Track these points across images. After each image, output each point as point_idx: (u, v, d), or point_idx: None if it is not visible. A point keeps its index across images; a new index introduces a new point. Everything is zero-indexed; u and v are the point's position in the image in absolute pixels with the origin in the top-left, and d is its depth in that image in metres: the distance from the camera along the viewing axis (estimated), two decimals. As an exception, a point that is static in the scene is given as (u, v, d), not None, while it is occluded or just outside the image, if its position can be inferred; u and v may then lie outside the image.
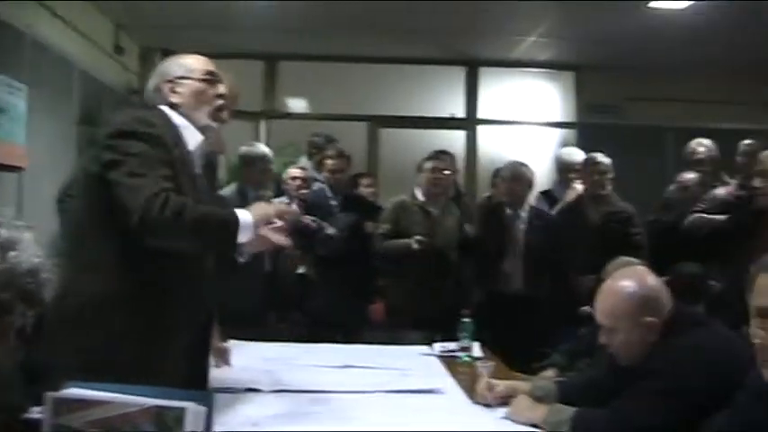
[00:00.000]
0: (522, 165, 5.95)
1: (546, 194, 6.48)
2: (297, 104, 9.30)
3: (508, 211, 5.80)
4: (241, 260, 2.70)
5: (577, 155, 6.38)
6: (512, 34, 7.98)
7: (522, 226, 5.76)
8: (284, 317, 5.62)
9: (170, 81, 2.69)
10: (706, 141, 6.07)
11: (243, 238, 2.48)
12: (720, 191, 5.49)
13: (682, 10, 6.85)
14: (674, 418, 2.45)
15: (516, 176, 5.78)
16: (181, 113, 2.66)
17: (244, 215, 2.50)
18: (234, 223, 2.46)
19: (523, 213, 5.80)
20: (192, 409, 1.59)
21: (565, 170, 6.46)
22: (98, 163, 2.47)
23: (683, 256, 4.91)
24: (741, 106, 8.96)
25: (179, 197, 2.40)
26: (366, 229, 5.86)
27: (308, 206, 5.85)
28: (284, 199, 5.86)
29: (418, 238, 5.50)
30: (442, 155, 6.26)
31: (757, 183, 4.18)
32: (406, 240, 5.52)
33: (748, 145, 5.61)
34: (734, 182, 5.76)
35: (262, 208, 2.62)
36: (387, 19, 7.33)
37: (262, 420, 2.66)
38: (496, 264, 5.67)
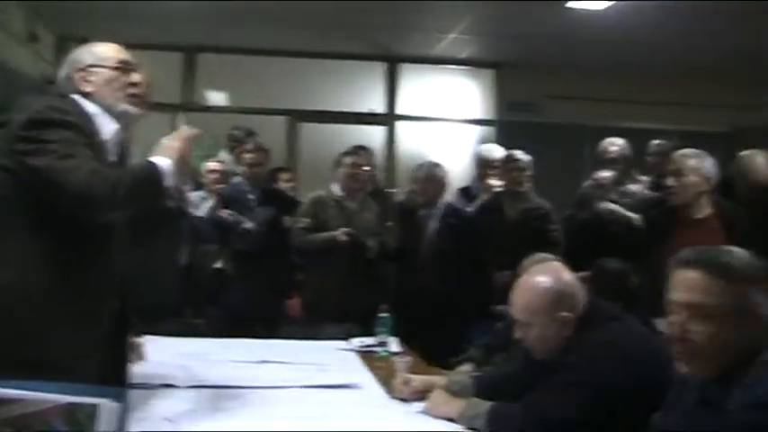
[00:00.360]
0: (436, 165, 5.93)
1: (464, 191, 6.52)
2: (216, 97, 9.21)
3: (422, 211, 5.79)
4: (171, 204, 2.68)
5: (496, 151, 6.42)
6: (432, 31, 8.02)
7: (435, 224, 5.77)
8: (200, 312, 5.56)
9: (81, 69, 2.64)
10: (619, 140, 6.17)
11: (170, 181, 2.47)
12: (633, 186, 5.59)
13: (600, 10, 6.96)
14: (587, 411, 2.48)
15: (429, 178, 5.77)
16: (94, 102, 2.61)
17: (160, 161, 2.49)
18: (155, 169, 2.46)
19: (437, 212, 5.81)
20: (106, 406, 1.56)
21: (484, 166, 6.49)
22: (6, 155, 2.42)
23: (599, 252, 4.99)
24: (656, 106, 9.18)
25: (108, 169, 2.43)
26: (284, 223, 5.81)
27: (226, 200, 5.79)
28: (201, 193, 5.79)
29: (345, 230, 5.50)
30: (360, 150, 6.26)
31: (670, 181, 4.26)
32: (333, 233, 5.50)
33: (658, 145, 5.71)
34: (646, 179, 5.89)
35: (166, 146, 2.59)
36: (308, 13, 7.29)
37: (177, 417, 2.62)
38: (412, 261, 5.69)
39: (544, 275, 2.76)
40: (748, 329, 2.04)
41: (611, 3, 6.79)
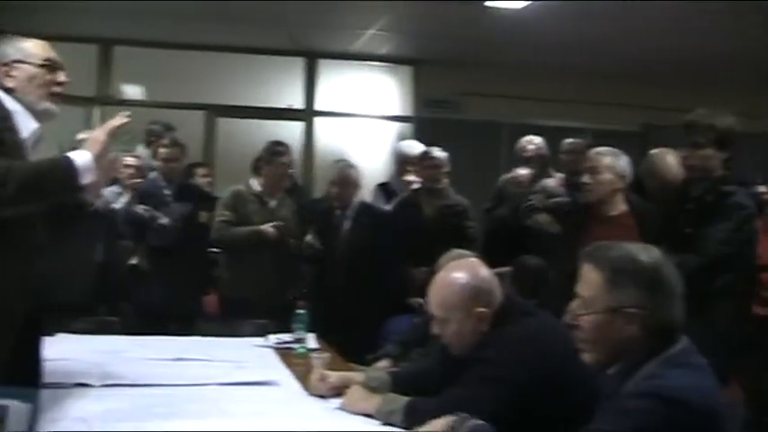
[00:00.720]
0: (350, 166, 5.90)
1: (383, 187, 6.55)
2: (133, 91, 9.05)
3: (337, 212, 5.77)
4: (91, 200, 2.63)
5: (415, 148, 6.46)
6: (351, 27, 8.02)
7: (349, 224, 5.76)
8: (115, 309, 5.46)
9: (5, 64, 2.58)
10: (536, 139, 6.26)
11: (88, 177, 2.42)
12: (550, 181, 5.67)
13: (517, 10, 7.05)
14: (502, 405, 2.50)
15: (343, 180, 5.74)
16: (15, 98, 2.55)
17: (80, 155, 2.43)
18: (66, 162, 2.41)
19: (350, 213, 5.78)
20: (15, 408, 1.53)
21: (402, 163, 6.53)
22: None
23: (517, 248, 5.06)
24: (571, 104, 9.34)
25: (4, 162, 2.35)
26: (200, 218, 5.76)
27: (141, 195, 5.70)
28: (116, 188, 5.69)
29: (274, 223, 5.48)
30: (278, 146, 6.23)
31: (586, 179, 4.33)
32: (259, 227, 5.47)
33: (571, 143, 5.80)
34: (560, 176, 5.97)
35: (91, 140, 2.55)
36: (226, 7, 7.22)
37: (92, 417, 2.56)
38: (330, 259, 5.68)
39: (461, 271, 2.78)
40: (635, 325, 2.11)
41: (527, 2, 6.87)
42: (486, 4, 6.94)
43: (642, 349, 2.12)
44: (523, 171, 5.98)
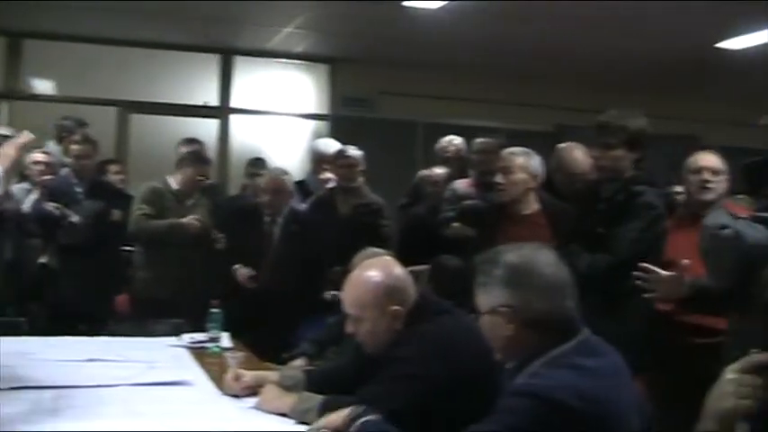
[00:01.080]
0: (283, 173, 5.79)
1: (299, 185, 6.52)
2: (43, 86, 8.83)
3: (267, 218, 5.65)
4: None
5: (331, 146, 6.45)
6: (268, 25, 7.97)
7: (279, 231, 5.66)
8: (24, 309, 5.35)
9: None
10: (457, 139, 6.29)
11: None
12: (459, 184, 5.69)
13: (434, 10, 7.09)
14: (416, 402, 2.53)
15: (277, 188, 5.60)
16: None
17: None
18: None
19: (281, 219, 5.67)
20: None
21: (318, 161, 6.52)
22: None
23: (433, 247, 5.09)
24: (485, 104, 9.45)
25: None
26: (113, 216, 5.67)
27: (52, 193, 5.59)
28: (26, 185, 5.57)
29: (195, 216, 5.42)
30: (193, 143, 6.18)
31: (499, 179, 4.38)
32: (180, 219, 5.41)
33: (483, 143, 5.83)
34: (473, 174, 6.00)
35: (2, 155, 2.50)
36: (142, 2, 7.12)
37: (-1, 420, 2.52)
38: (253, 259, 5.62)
39: (375, 270, 2.78)
40: (512, 324, 2.19)
41: (444, 3, 6.92)
42: (403, 3, 6.97)
43: (529, 347, 2.18)
44: (439, 170, 6.02)
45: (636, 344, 3.65)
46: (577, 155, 4.76)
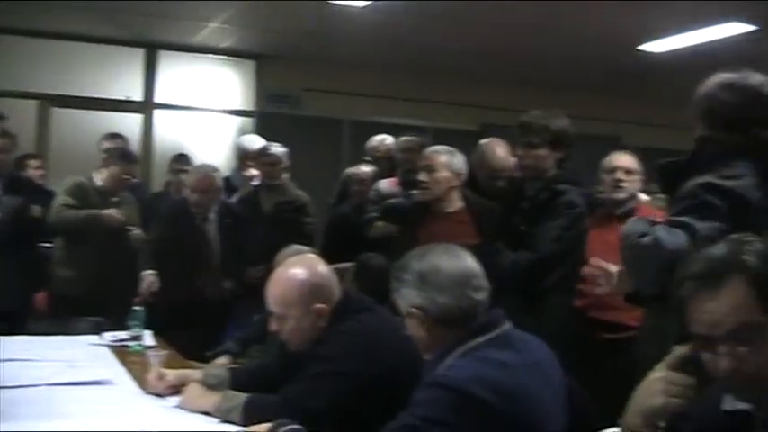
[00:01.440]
0: (213, 170, 5.64)
1: (224, 182, 6.47)
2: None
3: (197, 219, 5.50)
4: None
5: (256, 143, 6.43)
6: (194, 19, 7.89)
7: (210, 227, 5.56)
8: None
9: None
10: (389, 139, 6.26)
11: None
12: (383, 183, 5.71)
13: (360, 8, 7.10)
14: (340, 399, 2.55)
15: (206, 187, 5.44)
16: None
17: None
18: None
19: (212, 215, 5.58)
20: None
21: (243, 158, 6.49)
22: None
23: (358, 245, 5.09)
24: (411, 102, 9.50)
25: None
26: (32, 212, 5.55)
27: (-33, 189, 5.45)
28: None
29: (114, 210, 5.34)
30: (116, 138, 6.09)
31: (423, 177, 4.40)
32: (99, 211, 5.32)
33: (407, 141, 5.84)
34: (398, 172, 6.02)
35: None
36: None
37: None
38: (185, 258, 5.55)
39: (299, 268, 2.79)
40: (425, 323, 2.30)
41: (370, 2, 6.93)
42: (330, 1, 6.96)
43: (446, 342, 2.26)
44: (367, 168, 6.02)
45: (558, 341, 3.72)
46: (499, 151, 4.81)
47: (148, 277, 5.16)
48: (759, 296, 1.69)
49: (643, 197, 5.10)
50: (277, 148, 5.93)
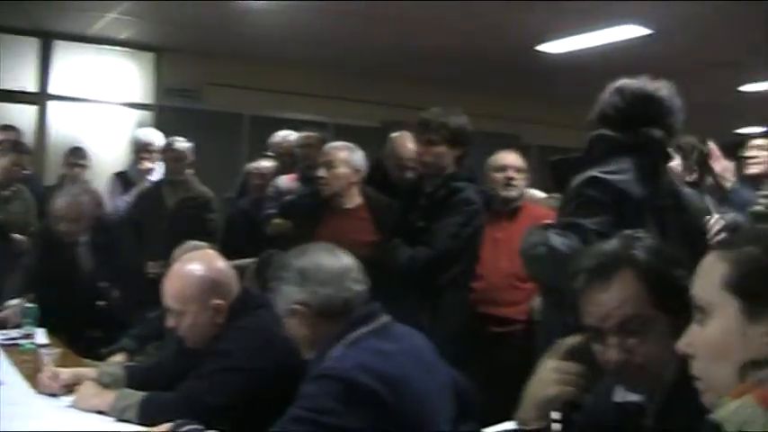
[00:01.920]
0: (80, 196, 4.84)
1: (120, 176, 6.36)
2: None
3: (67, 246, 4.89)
4: None
5: (154, 136, 6.33)
6: (91, 9, 7.71)
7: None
8: None
9: None
10: (292, 135, 6.23)
11: None
12: (282, 179, 5.69)
13: (263, 3, 7.05)
14: (238, 395, 2.55)
15: (75, 217, 4.72)
16: None
17: None
18: None
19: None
20: None
21: (140, 152, 6.38)
22: None
23: (258, 240, 5.06)
24: (314, 98, 9.50)
25: None
26: None
27: None
28: None
29: None
30: (8, 130, 5.93)
31: (322, 173, 4.41)
32: None
33: (307, 137, 5.84)
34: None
35: None
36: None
37: None
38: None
39: (196, 263, 2.77)
40: (307, 319, 2.35)
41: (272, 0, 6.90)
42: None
43: (329, 335, 2.30)
44: (267, 164, 5.99)
45: (455, 336, 3.79)
46: (409, 143, 4.85)
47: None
48: (648, 290, 1.76)
49: (537, 194, 5.23)
50: (182, 144, 5.86)
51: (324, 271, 2.35)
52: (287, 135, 6.25)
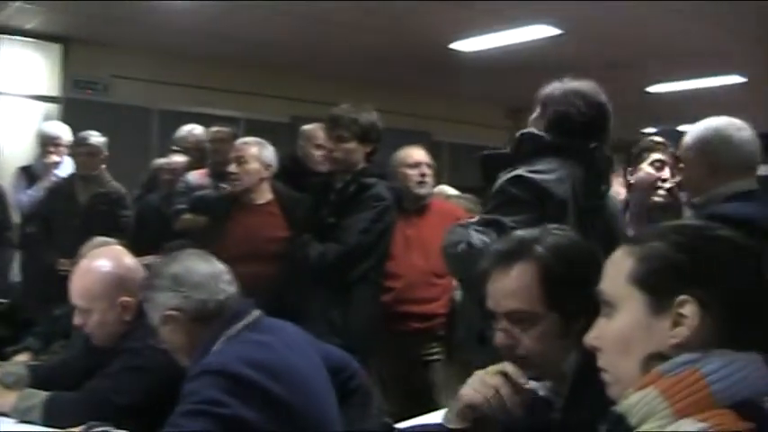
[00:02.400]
0: None
1: (26, 170, 6.21)
2: None
3: None
4: None
5: (61, 130, 6.20)
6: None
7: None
8: None
9: None
10: (197, 128, 6.16)
11: None
12: (192, 174, 5.63)
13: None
14: (147, 394, 2.53)
15: None
16: None
17: None
18: None
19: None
20: None
21: (47, 145, 6.23)
22: None
23: (168, 236, 5.01)
24: (224, 93, 9.43)
25: None
26: None
27: None
28: None
29: None
30: None
31: (233, 168, 4.38)
32: None
33: (217, 132, 5.79)
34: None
35: None
36: None
37: None
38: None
39: (104, 260, 2.73)
40: (181, 323, 2.35)
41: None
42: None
43: (204, 338, 2.30)
44: (178, 159, 5.91)
45: (365, 332, 3.82)
46: (320, 133, 4.84)
47: None
48: (542, 287, 1.80)
49: (449, 191, 5.29)
50: (97, 138, 5.75)
51: (197, 275, 2.36)
52: (192, 129, 6.17)
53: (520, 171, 2.69)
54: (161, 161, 6.07)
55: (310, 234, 4.00)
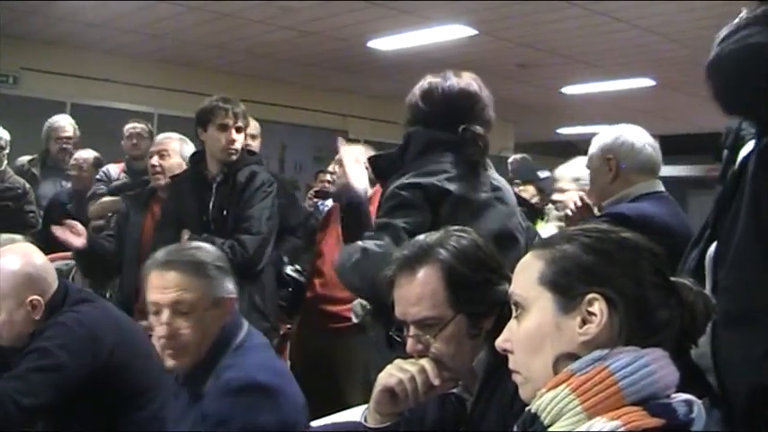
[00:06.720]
0: None
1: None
2: None
3: None
4: None
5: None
6: None
7: None
8: None
9: None
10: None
11: None
12: (111, 166, 5.56)
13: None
14: (57, 394, 2.48)
15: None
16: None
17: None
18: None
19: None
20: None
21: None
22: None
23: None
24: (136, 87, 9.33)
25: None
26: None
27: None
28: None
29: None
30: None
31: (155, 161, 4.32)
32: None
33: (134, 127, 5.67)
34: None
35: None
36: None
37: None
38: None
39: (11, 258, 2.65)
40: (226, 318, 2.30)
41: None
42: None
43: (207, 347, 2.26)
44: (86, 154, 5.80)
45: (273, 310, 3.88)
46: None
47: None
48: (448, 288, 1.81)
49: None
50: (0, 132, 5.61)
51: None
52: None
53: (409, 179, 2.63)
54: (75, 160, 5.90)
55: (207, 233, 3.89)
